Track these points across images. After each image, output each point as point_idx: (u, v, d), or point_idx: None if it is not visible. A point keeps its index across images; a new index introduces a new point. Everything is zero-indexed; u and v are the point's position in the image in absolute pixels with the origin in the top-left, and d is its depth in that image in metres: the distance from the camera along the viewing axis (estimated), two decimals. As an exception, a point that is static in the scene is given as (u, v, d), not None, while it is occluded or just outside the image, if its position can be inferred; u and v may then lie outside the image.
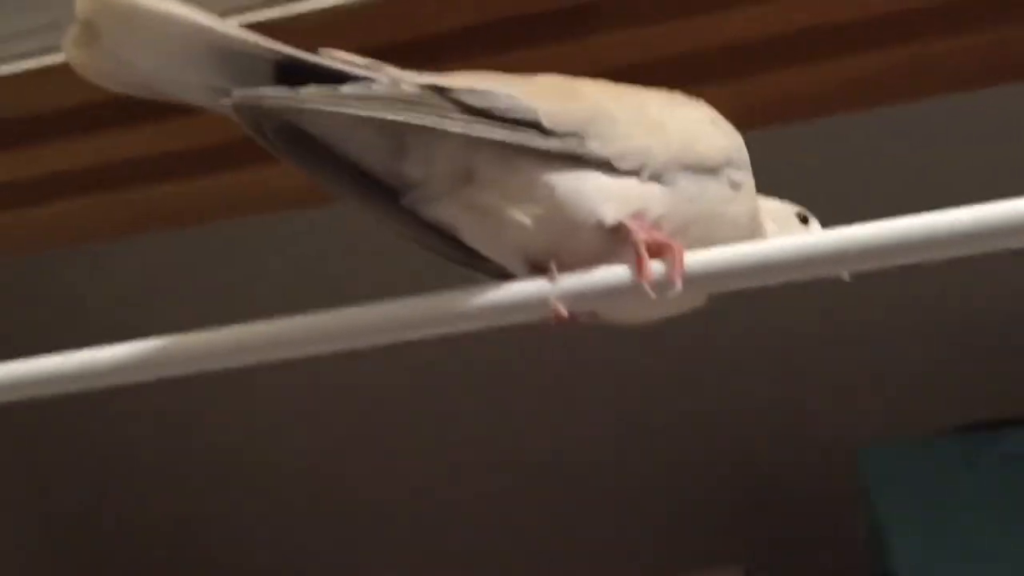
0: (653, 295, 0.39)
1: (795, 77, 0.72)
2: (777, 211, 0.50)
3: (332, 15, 0.65)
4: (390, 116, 0.39)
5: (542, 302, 0.41)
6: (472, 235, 0.43)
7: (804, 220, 0.50)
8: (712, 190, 0.44)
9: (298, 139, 0.42)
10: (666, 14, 0.70)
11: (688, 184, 0.43)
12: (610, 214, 0.41)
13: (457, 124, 0.40)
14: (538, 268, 0.42)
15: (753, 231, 0.47)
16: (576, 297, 0.40)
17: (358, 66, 0.42)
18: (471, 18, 0.70)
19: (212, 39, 0.40)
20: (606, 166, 0.42)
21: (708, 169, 0.44)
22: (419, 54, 0.72)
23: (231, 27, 0.40)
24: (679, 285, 0.39)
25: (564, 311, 0.40)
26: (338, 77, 0.41)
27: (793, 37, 0.71)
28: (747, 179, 0.46)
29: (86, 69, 0.41)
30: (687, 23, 0.71)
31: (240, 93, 0.39)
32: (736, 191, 0.45)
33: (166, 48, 0.40)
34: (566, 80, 0.44)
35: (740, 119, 0.70)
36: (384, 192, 0.43)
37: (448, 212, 0.43)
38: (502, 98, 0.41)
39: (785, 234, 0.49)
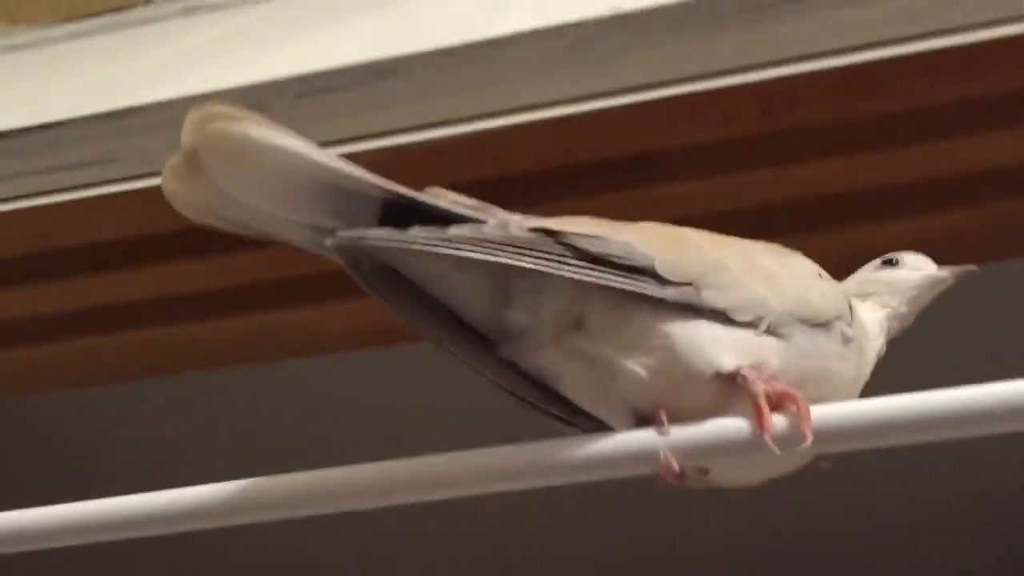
0: (777, 450, 0.37)
1: (862, 235, 0.71)
2: (862, 284, 0.48)
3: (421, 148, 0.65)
4: (502, 260, 0.38)
5: (652, 454, 0.38)
6: (576, 385, 0.41)
7: (891, 263, 0.48)
8: (825, 345, 0.42)
9: (396, 281, 0.41)
10: (734, 165, 0.70)
11: (803, 338, 0.41)
12: (728, 362, 0.39)
13: (572, 270, 0.38)
14: (645, 422, 0.40)
15: (858, 385, 0.45)
16: (690, 451, 0.38)
17: (466, 207, 0.41)
18: (554, 161, 0.69)
19: (323, 175, 0.39)
20: (722, 317, 0.40)
21: (821, 323, 0.42)
22: (499, 192, 0.71)
23: (343, 162, 0.39)
24: (809, 438, 0.37)
25: (676, 464, 0.38)
26: (445, 218, 0.40)
27: (862, 194, 0.71)
28: (854, 334, 0.44)
29: (180, 200, 0.40)
30: (755, 176, 0.70)
31: (346, 235, 0.38)
32: (846, 347, 0.43)
33: (273, 183, 0.39)
34: (670, 228, 0.43)
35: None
36: (480, 340, 0.42)
37: (552, 360, 0.41)
38: (617, 244, 0.40)
39: (890, 298, 0.47)
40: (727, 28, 0.63)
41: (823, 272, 0.45)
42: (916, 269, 0.48)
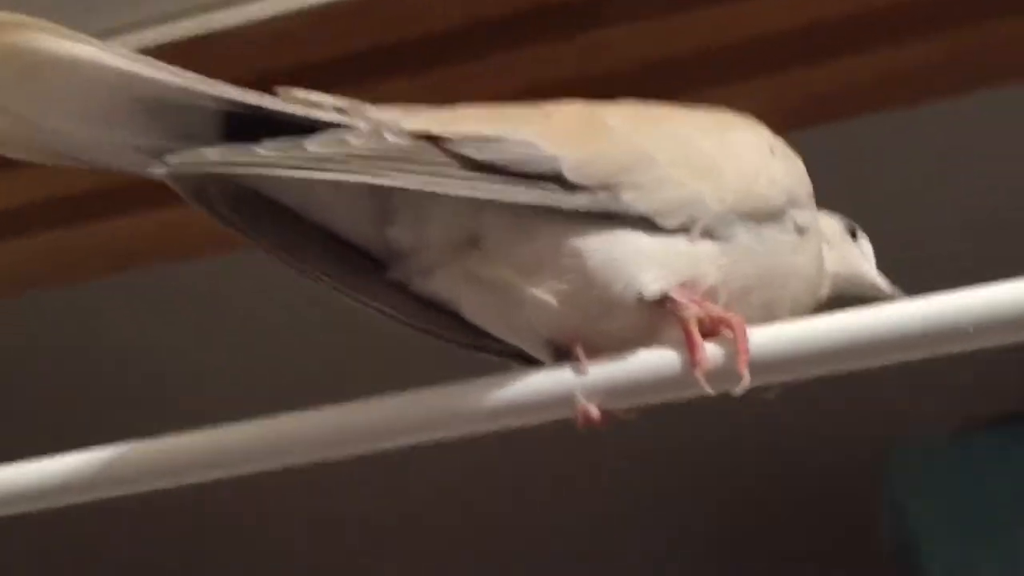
0: (711, 390, 0.31)
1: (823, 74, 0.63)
2: (828, 231, 0.41)
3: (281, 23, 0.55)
4: (374, 180, 0.31)
5: (568, 398, 0.32)
6: (478, 313, 0.35)
7: (853, 234, 0.42)
8: (775, 240, 0.35)
9: (251, 204, 0.34)
10: (677, 6, 0.61)
11: (748, 237, 0.34)
12: (653, 285, 0.33)
13: (459, 185, 0.32)
14: (563, 351, 0.34)
15: (820, 280, 0.38)
16: (611, 392, 0.32)
17: (329, 109, 0.33)
18: (456, 17, 0.61)
19: (140, 87, 0.31)
20: (646, 224, 0.33)
21: (770, 214, 0.35)
22: (392, 58, 0.63)
23: (164, 70, 0.32)
24: (746, 377, 0.31)
25: (595, 411, 0.32)
26: (303, 125, 0.32)
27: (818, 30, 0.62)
28: (812, 218, 0.37)
29: None
30: (698, 16, 0.62)
31: (178, 160, 0.31)
32: (801, 236, 0.36)
33: (83, 103, 0.31)
34: (588, 110, 0.36)
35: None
36: (366, 263, 0.35)
37: (447, 286, 0.34)
38: (514, 147, 0.32)
39: (842, 262, 0.41)
40: None
41: (774, 142, 0.38)
42: (866, 255, 0.42)
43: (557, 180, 0.32)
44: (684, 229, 0.34)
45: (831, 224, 0.42)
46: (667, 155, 0.34)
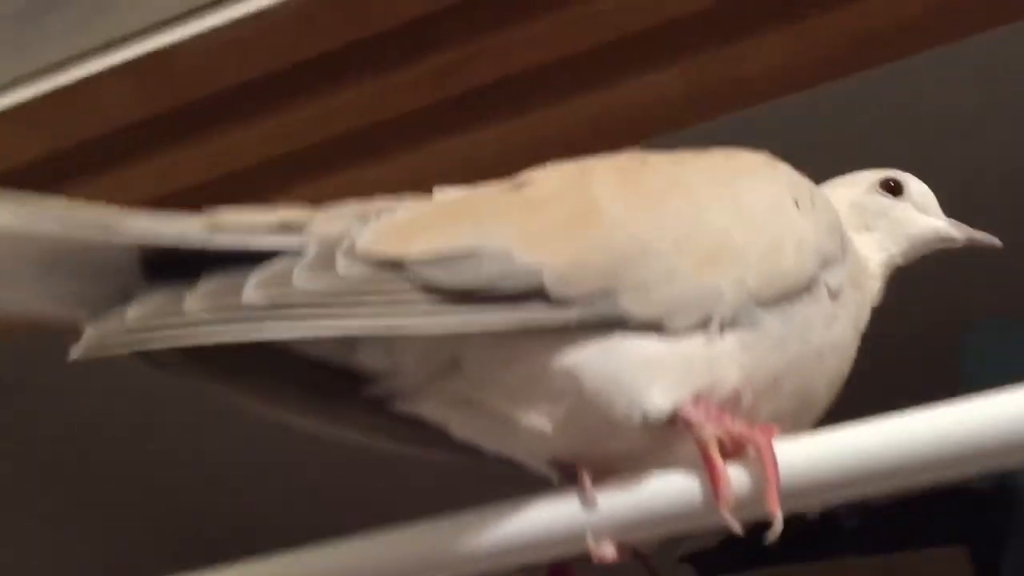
0: (738, 527, 0.27)
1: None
2: (861, 216, 0.36)
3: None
4: (324, 333, 0.27)
5: (577, 536, 0.28)
6: (470, 436, 0.30)
7: (893, 189, 0.36)
8: (806, 318, 0.30)
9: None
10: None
11: (775, 323, 0.29)
12: (661, 402, 0.28)
13: (427, 323, 0.27)
14: (568, 472, 0.30)
15: (860, 330, 0.33)
16: (625, 527, 0.28)
17: (269, 232, 0.28)
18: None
19: (40, 246, 0.27)
20: (652, 326, 0.28)
21: (800, 289, 0.30)
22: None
23: (61, 220, 0.27)
24: (779, 518, 0.27)
25: (610, 551, 0.28)
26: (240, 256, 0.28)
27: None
28: (844, 279, 0.32)
29: None
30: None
31: (97, 334, 0.27)
32: (836, 299, 0.31)
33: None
34: (577, 189, 0.30)
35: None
36: (335, 385, 0.30)
37: (431, 409, 0.30)
38: (488, 262, 0.27)
39: (892, 238, 0.36)
40: None
41: (799, 189, 0.32)
42: (922, 206, 0.36)
43: (540, 296, 0.28)
44: (699, 328, 0.28)
45: (862, 201, 0.36)
46: (672, 242, 0.29)
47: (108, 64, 0.48)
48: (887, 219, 0.35)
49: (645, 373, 0.28)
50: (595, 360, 0.28)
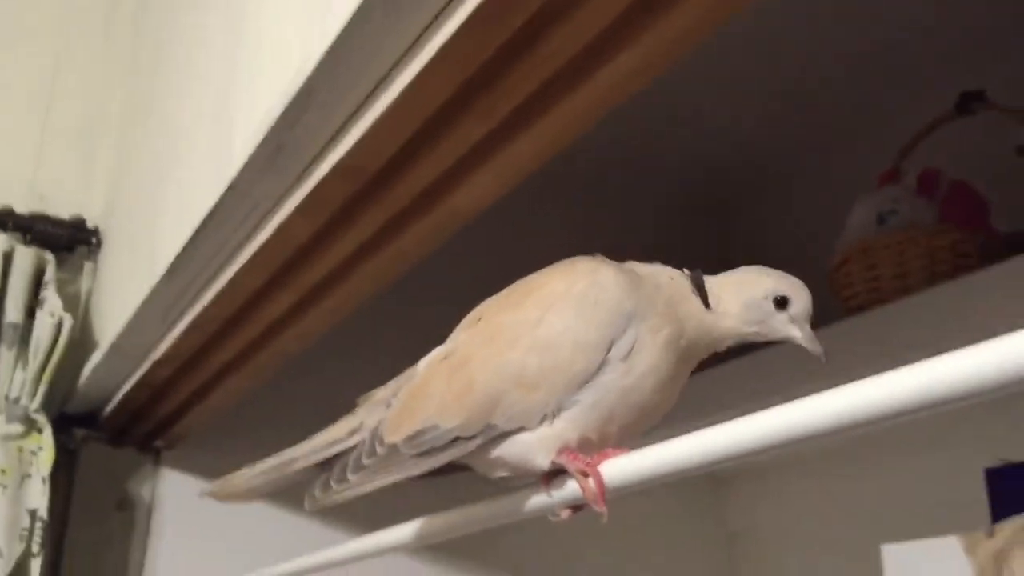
0: (604, 513, 0.51)
1: None
2: (749, 310, 0.54)
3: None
4: (381, 485, 0.55)
5: (546, 507, 0.55)
6: (491, 474, 0.58)
7: (782, 304, 0.53)
8: (608, 382, 0.51)
9: None
10: None
11: (586, 395, 0.51)
12: (544, 462, 0.53)
13: (416, 468, 0.54)
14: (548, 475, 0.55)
15: (681, 351, 0.52)
16: (564, 501, 0.54)
17: (349, 437, 0.57)
18: None
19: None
20: (520, 429, 0.52)
21: (590, 374, 0.51)
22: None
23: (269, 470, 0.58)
24: (604, 510, 0.51)
25: (565, 514, 0.55)
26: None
27: None
28: (640, 336, 0.51)
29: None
30: None
31: (318, 498, 0.57)
32: (628, 361, 0.51)
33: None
34: (456, 375, 0.54)
35: None
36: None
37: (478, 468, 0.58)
38: (430, 433, 0.53)
39: (760, 327, 0.54)
40: None
41: (585, 307, 0.52)
42: (795, 319, 0.54)
43: (459, 439, 0.52)
44: (543, 420, 0.51)
45: (753, 303, 0.53)
46: (510, 385, 0.51)
47: None
48: (763, 323, 0.53)
49: (530, 451, 0.52)
50: (506, 450, 0.53)
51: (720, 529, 1.69)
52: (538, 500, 0.56)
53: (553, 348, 0.52)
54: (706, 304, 0.54)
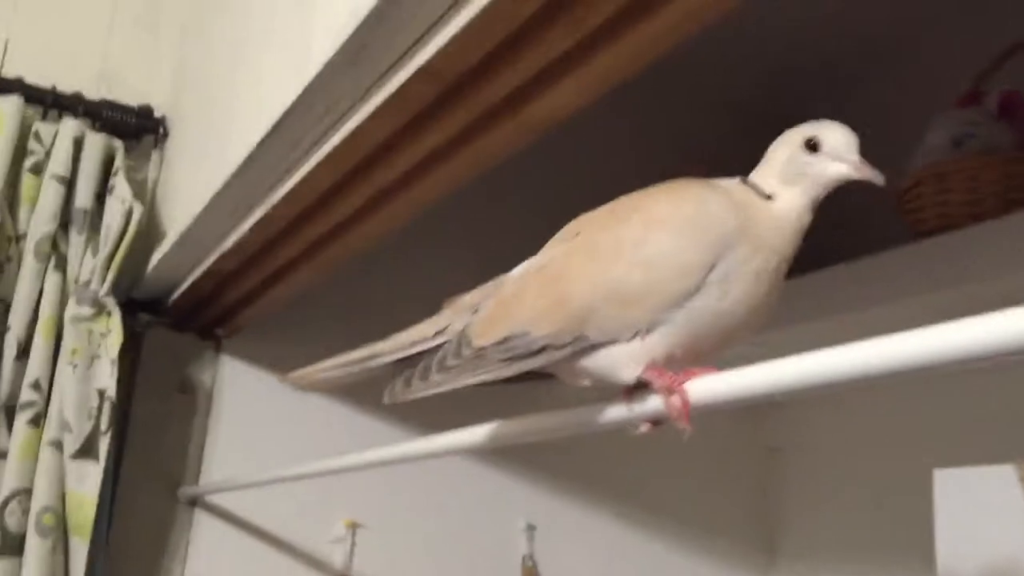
0: (688, 429, 0.52)
1: None
2: (778, 178, 0.53)
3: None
4: (465, 384, 0.56)
5: (624, 420, 0.57)
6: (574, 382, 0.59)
7: (811, 147, 0.52)
8: (701, 307, 0.51)
9: None
10: None
11: (678, 316, 0.52)
12: (630, 376, 0.53)
13: (503, 372, 0.55)
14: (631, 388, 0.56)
15: (771, 278, 0.53)
16: (646, 415, 0.56)
17: (435, 337, 0.58)
18: None
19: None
20: (611, 343, 0.53)
21: (691, 294, 0.51)
22: None
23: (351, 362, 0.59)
24: (688, 428, 0.51)
25: (644, 428, 0.56)
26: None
27: None
28: (735, 267, 0.51)
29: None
30: None
31: (394, 394, 0.59)
32: (724, 287, 0.51)
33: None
34: (551, 287, 0.55)
35: None
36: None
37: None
38: (520, 340, 0.54)
39: (812, 187, 0.53)
40: None
41: (691, 231, 0.52)
42: (835, 154, 0.52)
43: (550, 347, 0.53)
44: (634, 336, 0.52)
45: (787, 160, 0.52)
46: (604, 300, 0.52)
47: None
48: (804, 175, 0.52)
49: (617, 363, 0.53)
50: (593, 362, 0.54)
51: (759, 445, 1.71)
52: (616, 412, 0.57)
53: (655, 267, 0.53)
54: (766, 198, 0.54)
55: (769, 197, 0.55)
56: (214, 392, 1.46)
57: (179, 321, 1.45)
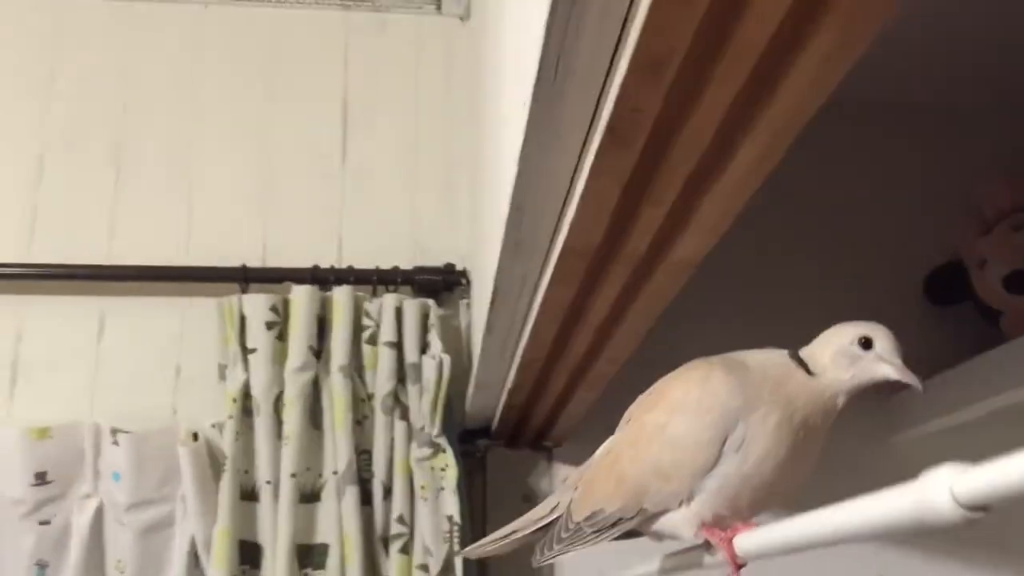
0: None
1: None
2: (841, 359, 0.59)
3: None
4: (573, 551, 0.67)
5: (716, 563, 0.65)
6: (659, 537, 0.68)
7: (865, 344, 0.58)
8: (727, 471, 0.59)
9: None
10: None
11: (711, 483, 0.60)
12: (691, 535, 0.62)
13: (597, 540, 0.66)
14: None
15: (797, 428, 0.59)
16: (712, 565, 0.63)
17: (553, 512, 0.70)
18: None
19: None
20: (666, 511, 0.62)
21: (716, 462, 0.59)
22: None
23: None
24: (737, 574, 0.59)
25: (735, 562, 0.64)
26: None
27: None
28: (750, 428, 0.58)
29: None
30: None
31: (542, 561, 0.72)
32: (742, 451, 0.58)
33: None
34: (610, 472, 0.65)
35: None
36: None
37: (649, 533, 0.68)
38: (600, 516, 0.65)
39: (859, 377, 0.59)
40: None
41: (701, 410, 0.60)
42: (884, 357, 0.58)
43: (621, 520, 0.64)
44: (681, 503, 0.61)
45: (843, 351, 0.59)
46: (651, 477, 0.61)
47: None
48: (856, 367, 0.59)
49: (678, 526, 0.62)
50: (660, 526, 0.64)
51: None
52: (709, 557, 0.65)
53: (679, 447, 0.62)
54: (809, 373, 0.60)
55: (812, 374, 0.61)
56: (554, 496, 1.64)
57: (508, 441, 1.66)
